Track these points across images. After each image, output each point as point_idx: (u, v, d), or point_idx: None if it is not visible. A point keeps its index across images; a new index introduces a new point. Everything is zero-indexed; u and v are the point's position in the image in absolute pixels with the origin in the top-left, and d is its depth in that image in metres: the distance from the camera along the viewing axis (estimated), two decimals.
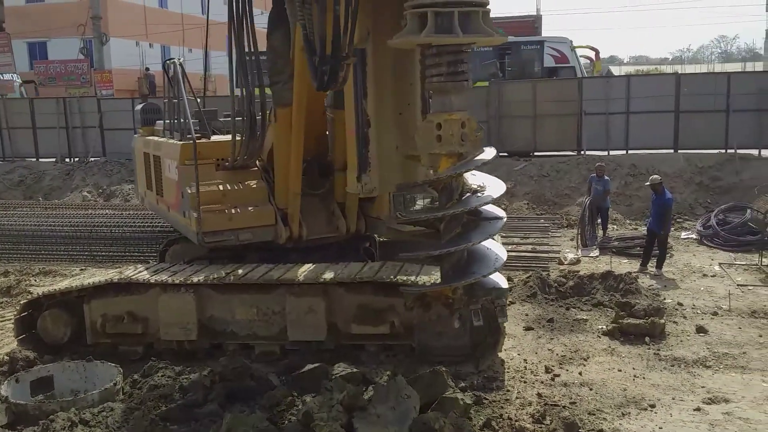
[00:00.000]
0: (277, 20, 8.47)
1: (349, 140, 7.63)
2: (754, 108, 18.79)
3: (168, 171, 9.62)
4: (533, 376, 7.98)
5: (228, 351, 8.20)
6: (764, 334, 9.23)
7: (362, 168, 7.22)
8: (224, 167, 9.08)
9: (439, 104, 6.25)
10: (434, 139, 6.16)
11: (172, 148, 9.42)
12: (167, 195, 9.87)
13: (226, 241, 8.72)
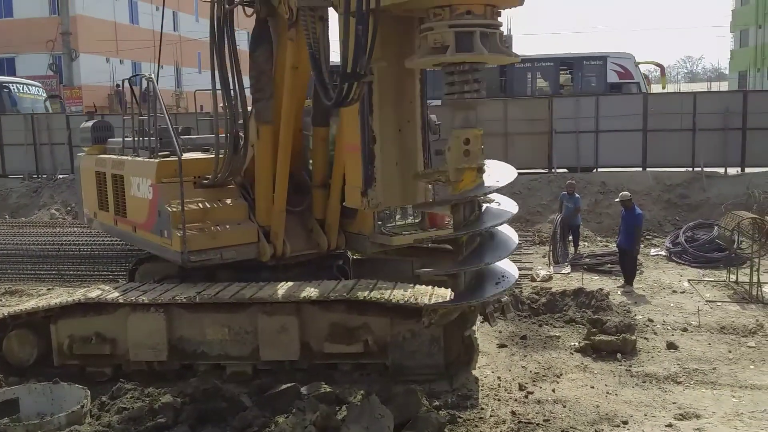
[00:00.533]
0: (260, 38, 8.51)
1: (352, 156, 7.52)
2: (720, 127, 19.23)
3: (136, 190, 9.29)
4: (507, 393, 7.98)
5: (199, 372, 8.08)
6: (733, 350, 9.36)
7: (368, 183, 7.20)
8: (202, 185, 8.86)
9: (463, 120, 6.58)
10: (462, 154, 6.52)
11: (143, 166, 9.15)
12: (133, 215, 9.45)
13: (211, 260, 8.51)
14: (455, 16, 6.13)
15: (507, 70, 26.91)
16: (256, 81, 8.59)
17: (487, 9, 6.27)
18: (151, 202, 8.92)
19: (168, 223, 8.49)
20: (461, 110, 6.64)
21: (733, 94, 24.62)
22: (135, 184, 9.28)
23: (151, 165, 8.92)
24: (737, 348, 9.44)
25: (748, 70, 59.85)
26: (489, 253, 7.06)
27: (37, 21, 39.03)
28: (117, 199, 9.93)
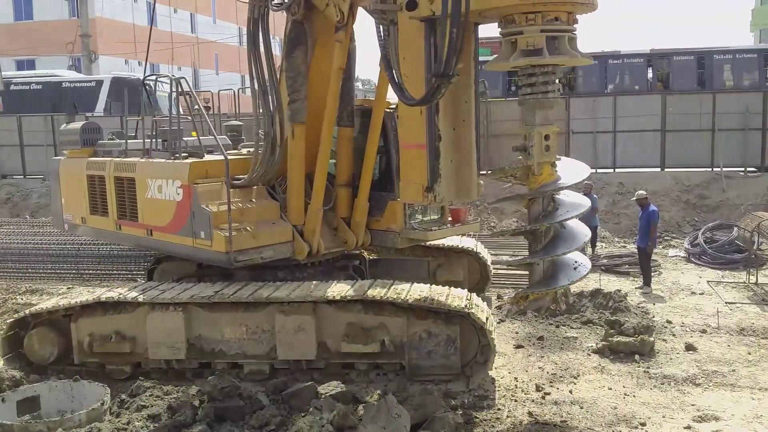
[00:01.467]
0: (297, 40, 8.64)
1: (410, 154, 7.64)
2: (740, 127, 19.03)
3: (155, 192, 9.16)
4: (524, 394, 7.96)
5: (217, 370, 8.13)
6: (753, 352, 9.27)
7: (434, 179, 7.36)
8: (235, 185, 8.83)
9: (544, 118, 7.13)
10: (543, 149, 7.09)
11: (168, 168, 9.10)
12: (150, 218, 9.32)
13: (252, 259, 8.57)
14: (545, 22, 6.58)
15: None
16: (293, 82, 8.69)
17: (569, 16, 6.75)
18: (180, 204, 8.83)
19: (208, 223, 8.44)
20: (543, 109, 7.11)
21: (753, 95, 24.29)
22: (153, 187, 9.19)
23: (181, 166, 8.86)
24: (757, 350, 9.34)
25: None
26: (564, 244, 7.45)
27: (57, 23, 39.49)
28: (123, 203, 9.77)
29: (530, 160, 7.19)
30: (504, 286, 12.62)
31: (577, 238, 7.54)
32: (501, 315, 10.86)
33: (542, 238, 7.50)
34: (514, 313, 8.35)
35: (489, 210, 18.78)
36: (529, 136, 7.13)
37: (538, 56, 6.66)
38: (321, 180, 8.96)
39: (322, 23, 8.61)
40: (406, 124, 7.61)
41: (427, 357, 8.01)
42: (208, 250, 8.54)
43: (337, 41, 8.43)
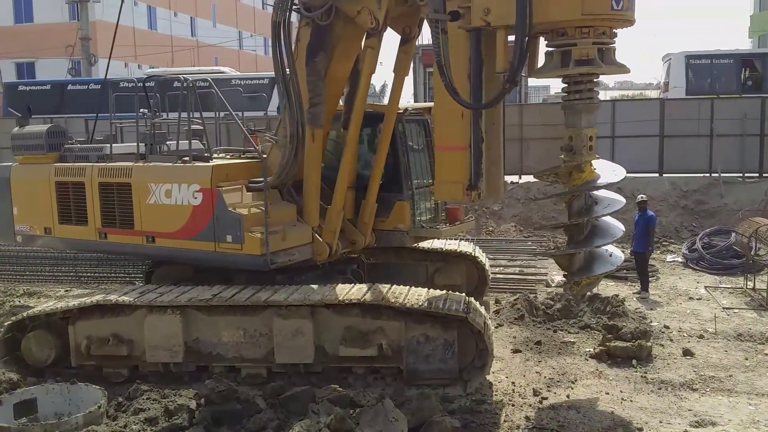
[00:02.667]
0: (319, 45, 8.73)
1: (447, 155, 8.06)
2: (738, 133, 19.07)
3: (162, 197, 8.97)
4: (521, 399, 7.97)
5: (214, 373, 8.13)
6: (750, 357, 9.28)
7: (477, 178, 7.85)
8: (252, 189, 8.82)
9: (588, 121, 7.74)
10: (588, 149, 7.70)
11: (182, 171, 8.93)
12: (155, 224, 9.11)
13: (282, 261, 8.60)
14: (596, 35, 7.20)
15: None
16: (314, 86, 8.78)
17: (611, 30, 7.39)
18: (198, 209, 8.70)
19: (238, 227, 8.42)
20: (587, 113, 7.73)
21: (751, 100, 24.33)
22: (158, 192, 9.03)
23: (201, 170, 8.77)
24: (754, 355, 9.36)
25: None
26: (601, 237, 8.06)
27: (57, 26, 39.56)
28: (110, 210, 9.47)
29: (576, 159, 7.76)
30: (502, 291, 12.63)
31: (613, 232, 8.10)
32: (499, 319, 10.87)
33: (582, 230, 8.07)
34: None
35: (487, 214, 18.82)
36: (576, 137, 7.70)
37: (591, 65, 7.29)
38: (344, 182, 9.14)
39: (343, 29, 8.74)
40: (447, 128, 7.98)
41: (424, 361, 8.01)
42: (238, 254, 8.49)
43: (370, 47, 8.68)
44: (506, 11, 7.01)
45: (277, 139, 9.27)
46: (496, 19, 7.18)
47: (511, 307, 11.23)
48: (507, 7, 6.96)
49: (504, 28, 7.24)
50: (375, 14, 8.33)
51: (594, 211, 7.97)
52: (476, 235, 17.50)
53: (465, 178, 7.82)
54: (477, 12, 7.25)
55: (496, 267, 13.96)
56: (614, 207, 7.99)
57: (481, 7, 7.20)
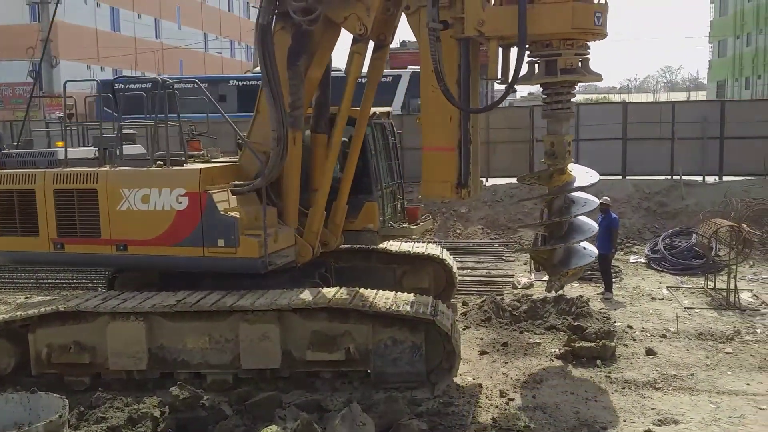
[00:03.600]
0: (302, 50, 8.81)
1: (435, 156, 8.52)
2: (698, 136, 19.50)
3: (137, 203, 8.64)
4: (488, 400, 8.02)
5: (179, 380, 8.00)
6: (711, 356, 9.48)
7: (466, 178, 8.40)
8: (236, 191, 8.78)
9: (567, 128, 8.49)
10: (568, 153, 8.52)
11: (165, 175, 8.67)
12: (126, 231, 8.76)
13: (278, 263, 8.68)
14: (578, 47, 7.90)
15: None
16: (296, 90, 8.85)
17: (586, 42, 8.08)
18: (182, 213, 8.52)
19: (232, 230, 8.34)
20: (566, 121, 8.46)
21: (711, 104, 24.94)
22: (135, 197, 8.69)
23: (189, 173, 8.61)
24: (715, 354, 9.55)
25: (726, 80, 60.83)
26: (578, 234, 8.81)
27: (18, 27, 38.71)
28: (69, 219, 8.99)
29: (559, 163, 8.50)
30: (470, 293, 12.71)
31: (588, 229, 8.89)
32: (466, 321, 10.93)
33: (562, 228, 8.78)
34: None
35: (455, 217, 18.92)
36: (558, 143, 8.44)
37: (575, 74, 7.99)
38: (327, 184, 9.22)
39: (322, 35, 8.88)
40: (435, 131, 8.46)
41: (392, 364, 8.02)
42: (231, 258, 8.40)
43: (356, 53, 8.87)
44: (500, 23, 7.72)
45: (249, 142, 9.22)
46: (490, 30, 7.80)
47: (478, 309, 11.30)
48: (501, 20, 7.71)
49: (497, 39, 7.88)
50: (363, 21, 8.53)
51: (572, 211, 8.69)
52: (444, 237, 17.59)
53: (454, 177, 8.39)
54: (471, 23, 7.81)
55: (463, 269, 14.05)
56: (590, 207, 8.78)
57: (476, 18, 7.77)
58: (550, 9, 7.63)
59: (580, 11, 7.66)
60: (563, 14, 7.64)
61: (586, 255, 9.02)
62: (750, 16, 56.08)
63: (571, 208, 8.73)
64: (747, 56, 56.89)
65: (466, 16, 7.86)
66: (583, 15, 7.69)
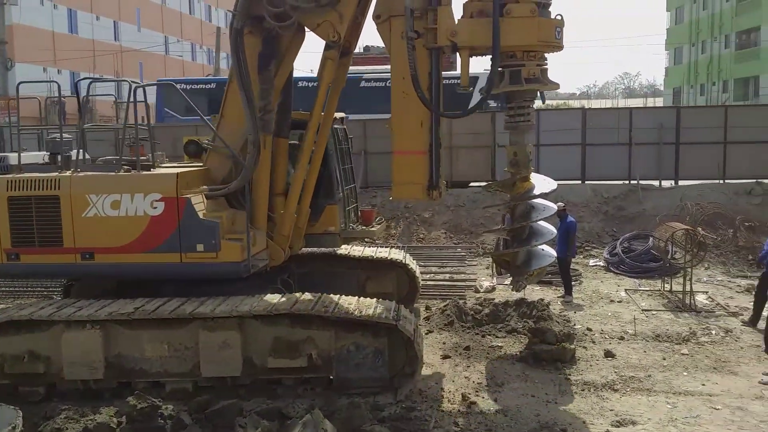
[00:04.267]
0: (272, 54, 8.84)
1: (405, 159, 8.80)
2: (655, 141, 19.95)
3: (106, 210, 8.38)
4: (450, 404, 8.05)
5: (137, 390, 7.86)
6: (667, 357, 9.68)
7: (437, 180, 8.75)
8: (211, 195, 8.71)
9: (528, 138, 9.03)
10: (529, 162, 9.01)
11: (139, 180, 8.49)
12: (93, 239, 8.47)
13: (256, 266, 8.77)
14: (539, 58, 8.42)
15: None
16: (267, 94, 8.86)
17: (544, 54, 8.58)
18: (158, 219, 8.36)
19: (213, 235, 8.31)
20: (527, 131, 8.98)
21: (667, 110, 25.52)
22: (104, 203, 8.42)
23: (165, 177, 8.45)
24: (671, 355, 9.76)
25: (682, 87, 62.37)
26: (538, 238, 9.26)
27: None
28: (26, 228, 8.58)
29: (522, 172, 9.03)
30: (433, 297, 12.76)
31: (548, 232, 9.35)
32: (429, 326, 10.97)
33: (524, 232, 9.29)
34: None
35: (418, 222, 18.98)
36: (521, 152, 8.95)
37: (538, 83, 8.50)
38: (299, 187, 9.26)
39: (291, 41, 8.97)
40: (406, 135, 8.74)
41: (354, 370, 8.01)
42: (212, 263, 8.34)
43: (329, 59, 8.91)
44: (471, 35, 8.22)
45: (214, 146, 9.15)
46: (462, 41, 8.25)
47: (441, 314, 11.36)
48: (472, 32, 8.21)
49: (468, 49, 8.31)
50: (337, 28, 8.63)
51: (533, 216, 9.21)
52: (407, 242, 17.64)
53: (425, 179, 8.74)
54: (443, 33, 8.23)
55: (426, 274, 14.10)
56: (549, 212, 9.31)
57: (448, 29, 8.20)
58: (519, 23, 8.15)
59: (544, 26, 8.28)
60: (530, 28, 8.20)
61: (546, 256, 9.51)
62: (705, 24, 57.70)
63: (532, 214, 9.21)
64: (702, 63, 58.48)
65: (438, 26, 8.25)
66: (547, 29, 8.32)
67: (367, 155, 20.78)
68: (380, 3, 8.57)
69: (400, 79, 8.42)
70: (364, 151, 20.80)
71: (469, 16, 8.37)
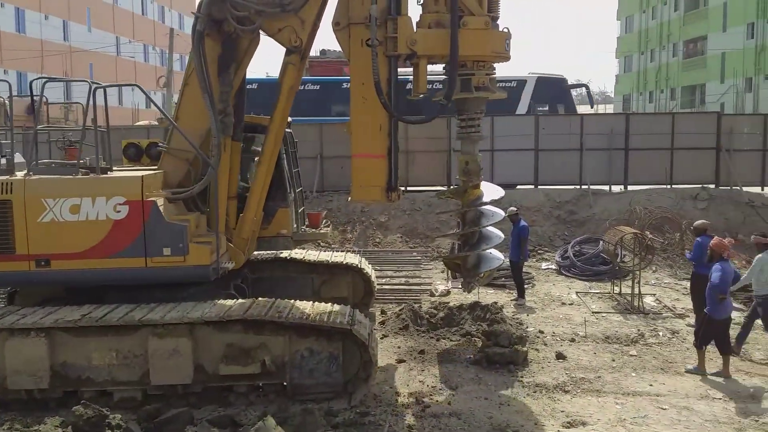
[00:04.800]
0: (230, 58, 8.82)
1: (365, 162, 8.97)
2: (605, 147, 20.40)
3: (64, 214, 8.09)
4: (404, 408, 8.07)
5: (83, 399, 7.63)
6: (617, 358, 9.88)
7: (396, 182, 9.00)
8: (173, 198, 8.59)
9: (477, 149, 9.49)
10: (480, 171, 9.53)
11: (102, 183, 8.28)
12: (49, 245, 8.15)
13: (225, 269, 8.78)
14: (488, 68, 8.98)
15: None
16: (227, 97, 8.79)
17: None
18: (122, 223, 8.15)
19: (181, 238, 8.20)
20: (478, 141, 9.45)
21: (617, 117, 26.03)
22: (62, 208, 8.12)
23: (129, 180, 8.26)
24: (620, 357, 9.97)
25: (631, 94, 64.01)
26: (487, 242, 9.73)
27: None
28: None
29: (473, 180, 9.49)
30: (388, 301, 12.77)
31: (496, 237, 9.84)
32: (384, 330, 10.97)
33: (474, 237, 9.77)
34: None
35: (374, 226, 18.99)
36: (472, 162, 9.42)
37: (487, 91, 9.02)
38: (259, 190, 9.26)
39: (249, 44, 8.93)
40: (365, 139, 8.94)
41: (309, 375, 7.95)
42: (179, 267, 8.23)
43: (291, 63, 8.99)
44: (429, 44, 8.59)
45: (170, 149, 9.02)
46: (421, 50, 8.62)
47: (396, 318, 11.37)
48: (431, 41, 8.58)
49: (426, 57, 8.68)
50: (299, 34, 8.75)
51: (482, 222, 9.66)
52: (363, 246, 17.63)
53: (384, 182, 8.97)
54: (403, 41, 8.57)
55: (382, 278, 14.11)
56: (496, 218, 9.76)
57: (408, 38, 8.56)
58: (474, 35, 8.61)
59: (496, 38, 8.82)
60: (484, 39, 8.71)
61: (494, 259, 9.99)
62: (654, 33, 59.39)
63: (482, 220, 9.68)
64: (651, 71, 60.15)
65: (399, 35, 8.58)
66: (499, 41, 8.84)
67: (322, 159, 20.74)
68: (340, 10, 8.74)
69: (360, 84, 8.66)
70: (320, 155, 20.76)
71: (426, 27, 8.71)
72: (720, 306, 9.14)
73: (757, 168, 20.27)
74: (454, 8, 8.47)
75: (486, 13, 8.70)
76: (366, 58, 8.53)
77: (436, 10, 8.74)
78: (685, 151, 20.25)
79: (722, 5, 48.66)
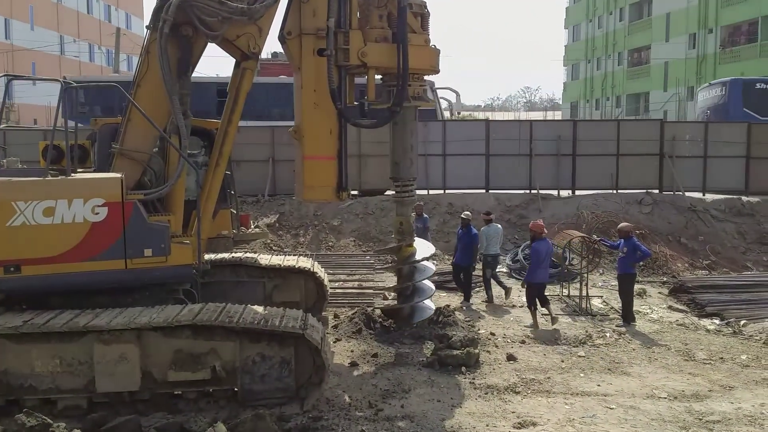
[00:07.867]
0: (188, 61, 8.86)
1: (314, 164, 9.68)
2: (554, 153, 20.81)
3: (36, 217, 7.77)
4: (358, 412, 8.04)
5: (25, 407, 7.37)
6: (566, 360, 10.07)
7: (346, 182, 9.72)
8: (145, 199, 8.42)
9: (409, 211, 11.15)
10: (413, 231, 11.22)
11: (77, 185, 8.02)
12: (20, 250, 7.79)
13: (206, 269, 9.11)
14: (421, 80, 10.25)
15: None
16: (186, 99, 8.81)
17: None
18: (101, 225, 7.94)
19: (162, 238, 8.22)
20: (411, 204, 11.04)
21: (564, 123, 26.63)
22: (34, 211, 7.81)
23: (108, 181, 8.07)
24: (569, 358, 10.16)
25: (578, 101, 65.49)
26: (421, 295, 11.14)
27: None
28: None
29: (407, 240, 10.89)
30: (341, 305, 12.73)
31: (427, 291, 11.14)
32: (337, 334, 10.93)
33: (407, 291, 11.07)
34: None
35: (327, 229, 18.92)
36: (405, 223, 10.88)
37: (422, 100, 10.33)
38: (215, 193, 9.26)
39: (202, 48, 8.99)
40: (316, 141, 9.63)
41: (260, 381, 7.85)
42: (161, 267, 8.24)
43: (248, 69, 9.19)
44: (378, 57, 9.64)
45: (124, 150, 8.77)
46: (371, 61, 9.59)
47: (349, 321, 11.35)
48: (379, 54, 9.63)
49: (374, 68, 9.72)
50: (257, 40, 9.05)
51: (416, 277, 10.98)
52: (316, 250, 17.54)
53: (334, 182, 9.67)
54: (354, 53, 9.48)
55: (335, 282, 14.06)
56: (428, 273, 11.16)
57: (359, 50, 9.50)
58: (417, 50, 9.88)
59: (433, 54, 10.25)
60: (425, 55, 10.09)
61: (426, 309, 11.15)
62: (600, 42, 60.96)
63: (415, 275, 10.95)
64: (597, 79, 61.69)
65: (351, 47, 9.44)
66: (435, 57, 10.29)
67: (274, 163, 20.57)
68: (291, 21, 9.44)
69: (311, 91, 9.45)
70: (271, 158, 20.58)
71: (373, 41, 9.65)
72: (535, 273, 11.80)
73: (699, 174, 20.97)
74: (403, 26, 9.50)
75: (424, 32, 9.93)
76: (317, 66, 9.19)
77: (381, 26, 9.80)
78: (630, 157, 20.81)
79: (665, 16, 50.33)
